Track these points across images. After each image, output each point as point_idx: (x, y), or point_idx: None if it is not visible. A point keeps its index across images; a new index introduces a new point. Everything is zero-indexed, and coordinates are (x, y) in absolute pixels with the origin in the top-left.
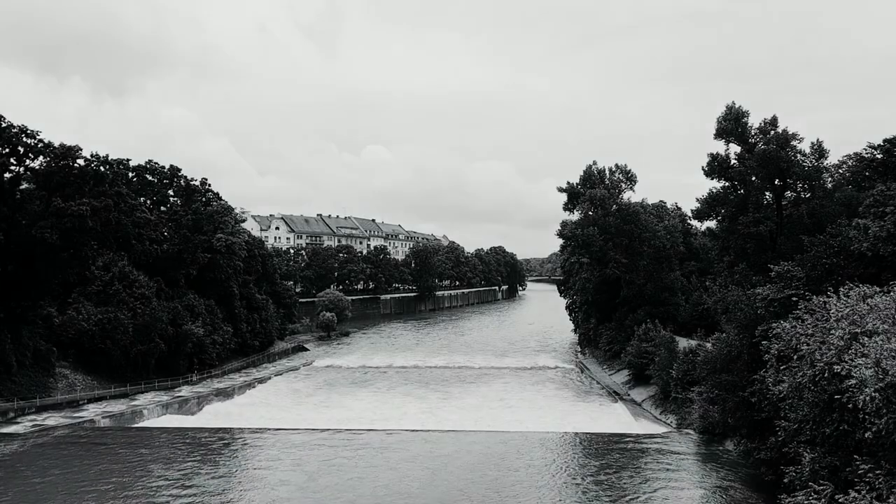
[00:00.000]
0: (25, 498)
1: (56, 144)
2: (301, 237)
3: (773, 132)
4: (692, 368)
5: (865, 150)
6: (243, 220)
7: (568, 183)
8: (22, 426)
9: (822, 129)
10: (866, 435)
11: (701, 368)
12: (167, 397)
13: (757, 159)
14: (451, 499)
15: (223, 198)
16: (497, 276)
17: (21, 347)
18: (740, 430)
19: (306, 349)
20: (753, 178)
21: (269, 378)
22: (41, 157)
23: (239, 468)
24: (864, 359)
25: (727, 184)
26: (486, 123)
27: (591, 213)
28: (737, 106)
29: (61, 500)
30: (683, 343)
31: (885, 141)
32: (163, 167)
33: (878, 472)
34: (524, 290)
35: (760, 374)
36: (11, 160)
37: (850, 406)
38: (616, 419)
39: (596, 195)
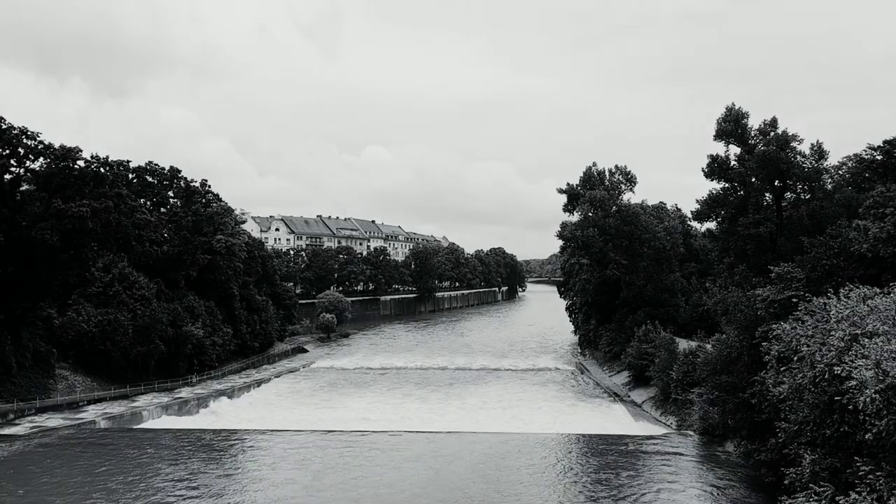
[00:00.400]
0: (37, 495)
1: (56, 146)
2: (301, 238)
3: (772, 133)
4: (692, 370)
5: (865, 151)
6: (243, 222)
7: (568, 184)
8: (22, 427)
9: (821, 130)
10: (867, 436)
11: (701, 370)
12: (167, 399)
13: (757, 160)
14: (452, 498)
15: (223, 199)
16: (497, 278)
17: (21, 349)
18: (740, 432)
19: (306, 350)
20: (753, 180)
21: (270, 379)
22: (41, 159)
23: (243, 468)
24: (864, 360)
25: (727, 185)
26: (487, 124)
27: (590, 214)
28: (736, 107)
29: (71, 497)
30: (683, 344)
31: (884, 142)
32: (163, 168)
33: (878, 473)
34: (524, 291)
35: (760, 375)
36: (12, 161)
37: (850, 407)
38: (616, 420)
39: (596, 196)
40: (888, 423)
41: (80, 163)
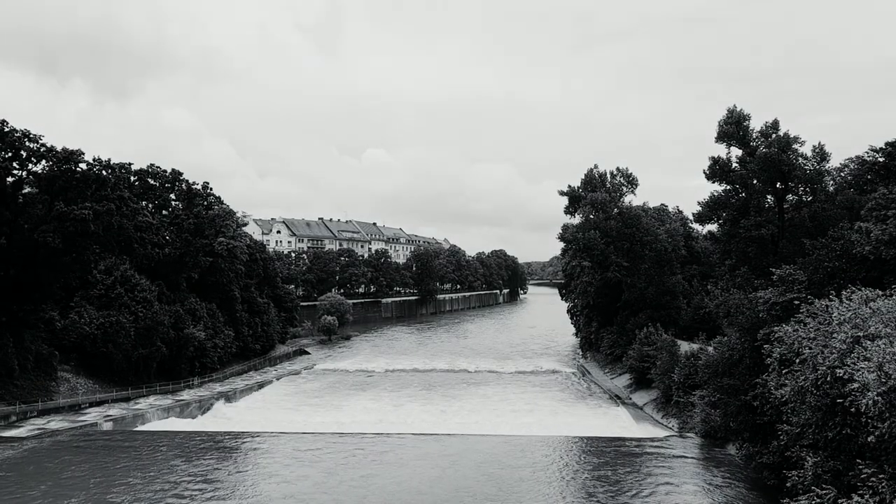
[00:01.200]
0: (60, 490)
1: (58, 148)
2: (302, 241)
3: (774, 135)
4: (694, 372)
5: (867, 153)
6: (245, 224)
7: (569, 186)
8: (25, 430)
9: (823, 132)
10: (869, 439)
11: (703, 372)
12: (169, 401)
13: (758, 163)
14: (457, 497)
15: (224, 201)
16: (498, 280)
17: (23, 351)
18: (742, 434)
19: (307, 353)
20: (755, 182)
21: (272, 381)
22: (43, 162)
23: (256, 465)
24: (866, 363)
25: (728, 187)
26: (487, 126)
27: (592, 216)
28: (738, 109)
29: (94, 491)
30: (685, 347)
31: (886, 144)
32: (164, 171)
33: (881, 476)
34: (525, 293)
35: (762, 377)
36: (14, 164)
37: (852, 410)
38: (618, 423)
39: (597, 199)
40: (891, 426)
41: (83, 165)
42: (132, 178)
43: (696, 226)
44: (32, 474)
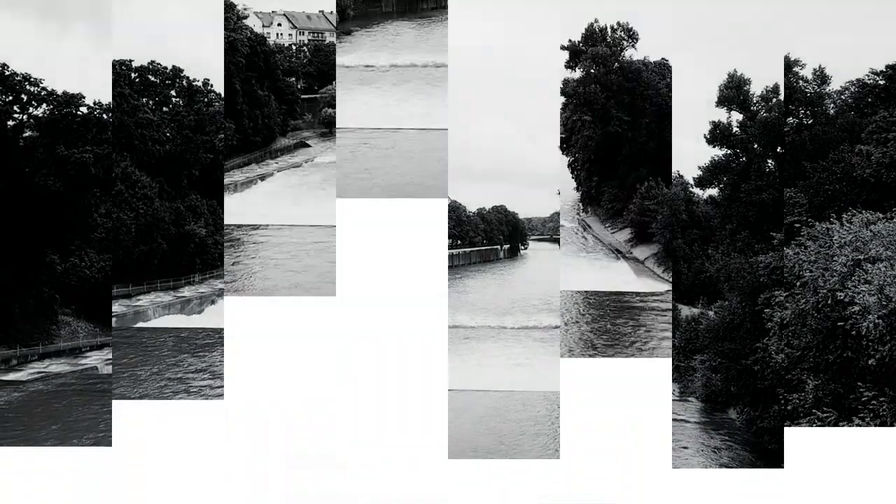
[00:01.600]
0: (70, 430)
1: (59, 92)
2: (303, 33)
3: (774, 99)
4: (695, 336)
5: (868, 76)
6: (245, 17)
7: (570, 41)
8: (25, 373)
9: (825, 53)
10: (870, 362)
11: (703, 337)
12: (170, 297)
13: (759, 127)
14: (459, 449)
15: None
16: (499, 236)
17: (23, 295)
18: (743, 399)
19: (308, 146)
20: (755, 146)
21: (272, 174)
22: (44, 105)
23: (262, 258)
24: (867, 285)
25: (729, 151)
26: (486, 77)
27: (592, 70)
28: (738, 74)
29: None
30: (686, 311)
31: (887, 67)
32: (165, 67)
33: (881, 399)
34: (526, 248)
35: (763, 342)
36: (14, 108)
37: (853, 333)
38: (620, 278)
39: (598, 53)
40: (891, 349)
41: (83, 109)
42: (132, 75)
43: (696, 190)
44: (41, 416)
